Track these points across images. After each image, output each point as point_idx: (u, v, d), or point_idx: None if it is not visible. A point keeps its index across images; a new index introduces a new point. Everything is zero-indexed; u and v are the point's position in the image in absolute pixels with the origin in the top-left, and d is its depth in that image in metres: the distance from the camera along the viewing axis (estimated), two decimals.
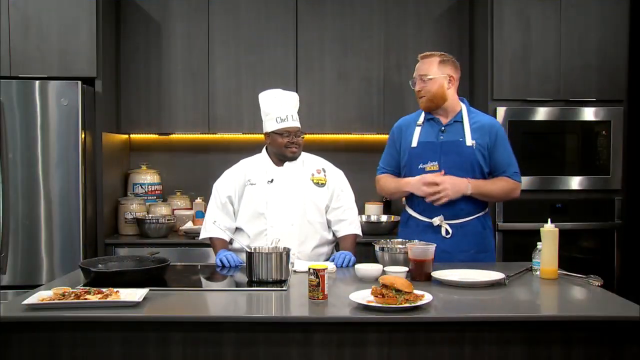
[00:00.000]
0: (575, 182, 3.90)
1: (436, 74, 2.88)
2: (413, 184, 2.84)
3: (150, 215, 4.04)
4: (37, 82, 3.58)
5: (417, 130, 2.93)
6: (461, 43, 4.25)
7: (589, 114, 3.89)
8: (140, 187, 4.25)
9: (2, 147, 3.55)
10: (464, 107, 2.95)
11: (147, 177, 4.28)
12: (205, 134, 4.26)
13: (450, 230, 2.85)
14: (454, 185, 2.77)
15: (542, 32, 3.87)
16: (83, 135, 3.65)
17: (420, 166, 2.88)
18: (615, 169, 3.89)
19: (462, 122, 2.91)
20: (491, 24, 3.87)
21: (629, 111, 3.93)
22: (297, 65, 4.20)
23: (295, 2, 4.19)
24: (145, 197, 4.21)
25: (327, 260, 2.98)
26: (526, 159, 3.87)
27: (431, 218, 2.87)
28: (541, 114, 3.88)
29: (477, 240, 2.90)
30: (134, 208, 4.04)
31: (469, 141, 2.86)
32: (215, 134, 4.27)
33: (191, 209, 4.27)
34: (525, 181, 3.86)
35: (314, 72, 4.21)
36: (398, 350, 1.98)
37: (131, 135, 4.41)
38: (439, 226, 2.85)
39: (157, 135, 4.38)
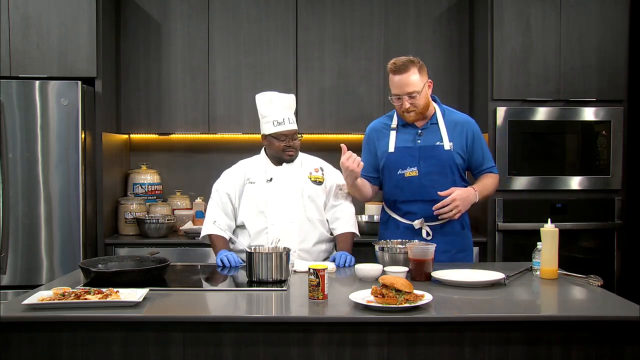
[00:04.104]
0: (575, 182, 3.90)
1: (420, 85, 2.79)
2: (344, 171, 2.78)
3: (150, 215, 4.04)
4: (37, 82, 3.58)
5: (393, 134, 2.91)
6: (461, 43, 4.25)
7: (589, 114, 3.89)
8: (140, 187, 4.25)
9: (2, 147, 3.55)
10: (437, 108, 2.93)
11: (147, 177, 4.28)
12: (205, 134, 4.26)
13: (430, 232, 2.86)
14: (464, 200, 2.77)
15: (542, 32, 3.87)
16: (83, 135, 3.65)
17: (399, 172, 2.87)
18: (615, 169, 3.89)
19: (437, 123, 2.89)
20: (491, 24, 3.87)
21: (629, 111, 3.93)
22: (297, 65, 4.20)
23: (295, 2, 4.19)
24: (145, 197, 4.21)
25: (327, 257, 3.00)
26: (526, 159, 3.88)
27: (412, 221, 2.87)
28: (541, 114, 3.88)
29: (456, 241, 2.92)
30: (134, 208, 4.04)
31: (447, 144, 2.85)
32: (215, 134, 4.27)
33: (191, 209, 4.27)
34: (525, 181, 3.88)
35: (314, 72, 4.21)
36: (398, 350, 1.98)
37: (131, 135, 4.41)
38: (420, 228, 2.86)
39: (157, 135, 4.38)
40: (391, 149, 2.89)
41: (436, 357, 1.98)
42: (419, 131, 2.89)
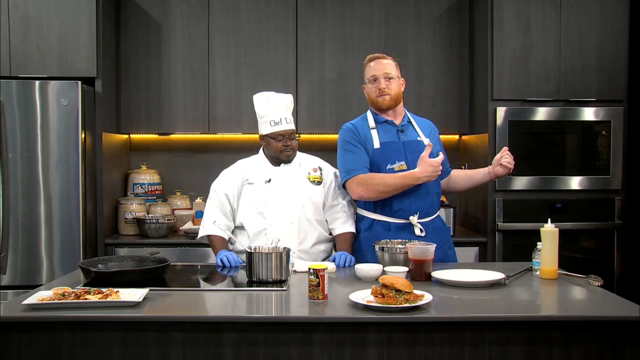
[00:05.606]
0: (575, 182, 3.90)
1: (396, 73, 2.92)
2: (423, 171, 2.71)
3: (150, 215, 4.04)
4: (37, 82, 3.59)
5: (374, 132, 2.92)
6: (461, 43, 4.25)
7: (589, 114, 3.89)
8: (140, 187, 4.25)
9: (2, 147, 3.55)
10: (406, 111, 3.01)
11: (147, 177, 4.28)
12: (205, 134, 4.26)
13: (423, 229, 2.85)
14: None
15: (542, 32, 3.87)
16: (83, 135, 3.65)
17: (389, 166, 2.86)
18: (615, 169, 3.89)
19: (411, 123, 2.98)
20: (491, 24, 3.87)
21: (629, 111, 3.93)
22: (297, 65, 4.20)
23: (295, 2, 4.20)
24: (145, 197, 4.21)
25: (326, 257, 3.00)
26: (526, 159, 3.88)
27: (406, 218, 2.85)
28: (541, 114, 3.88)
29: (444, 237, 2.94)
30: (134, 208, 4.04)
31: (426, 140, 2.89)
32: (215, 134, 4.27)
33: (191, 209, 4.27)
34: (525, 181, 3.88)
35: (314, 72, 4.21)
36: (398, 350, 1.98)
37: (131, 135, 4.41)
38: (413, 226, 2.84)
39: (157, 135, 4.38)
40: (376, 145, 2.89)
41: (436, 357, 1.98)
42: (401, 127, 2.93)
